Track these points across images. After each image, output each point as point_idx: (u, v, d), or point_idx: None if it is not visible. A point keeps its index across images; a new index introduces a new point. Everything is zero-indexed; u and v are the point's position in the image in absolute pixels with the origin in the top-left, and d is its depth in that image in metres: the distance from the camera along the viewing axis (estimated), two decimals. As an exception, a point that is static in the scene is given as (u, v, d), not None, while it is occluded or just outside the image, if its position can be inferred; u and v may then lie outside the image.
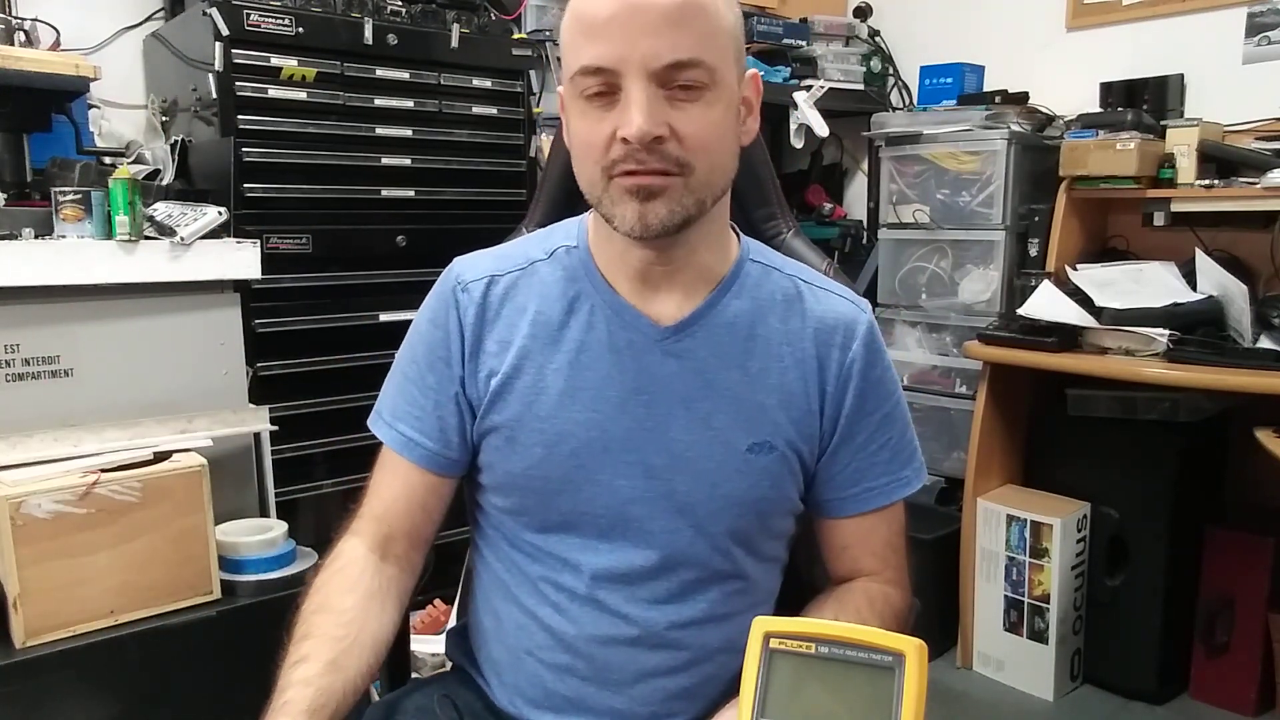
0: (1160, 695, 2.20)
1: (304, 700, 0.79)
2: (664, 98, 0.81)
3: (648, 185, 0.82)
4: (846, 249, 2.96)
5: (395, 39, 2.03)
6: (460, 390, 0.94)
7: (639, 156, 0.81)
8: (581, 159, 0.86)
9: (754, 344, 0.92)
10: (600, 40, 0.80)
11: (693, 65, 0.80)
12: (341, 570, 0.91)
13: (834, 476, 0.95)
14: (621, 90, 0.80)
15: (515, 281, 0.95)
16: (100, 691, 1.43)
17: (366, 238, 2.06)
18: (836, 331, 0.94)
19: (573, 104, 0.85)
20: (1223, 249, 2.24)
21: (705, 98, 0.82)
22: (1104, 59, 2.54)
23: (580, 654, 0.91)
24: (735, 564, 0.93)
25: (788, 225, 1.19)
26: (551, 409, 0.90)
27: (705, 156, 0.83)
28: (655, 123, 0.80)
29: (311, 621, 0.87)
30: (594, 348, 0.91)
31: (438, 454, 0.95)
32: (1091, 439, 2.24)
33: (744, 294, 0.94)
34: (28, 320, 1.54)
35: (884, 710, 0.71)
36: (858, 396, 0.93)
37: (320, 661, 0.83)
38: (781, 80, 2.72)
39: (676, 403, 0.90)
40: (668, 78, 0.80)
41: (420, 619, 2.10)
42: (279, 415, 1.80)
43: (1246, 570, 2.12)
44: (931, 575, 2.36)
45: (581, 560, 0.91)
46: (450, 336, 0.94)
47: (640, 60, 0.79)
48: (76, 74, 1.65)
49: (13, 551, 1.35)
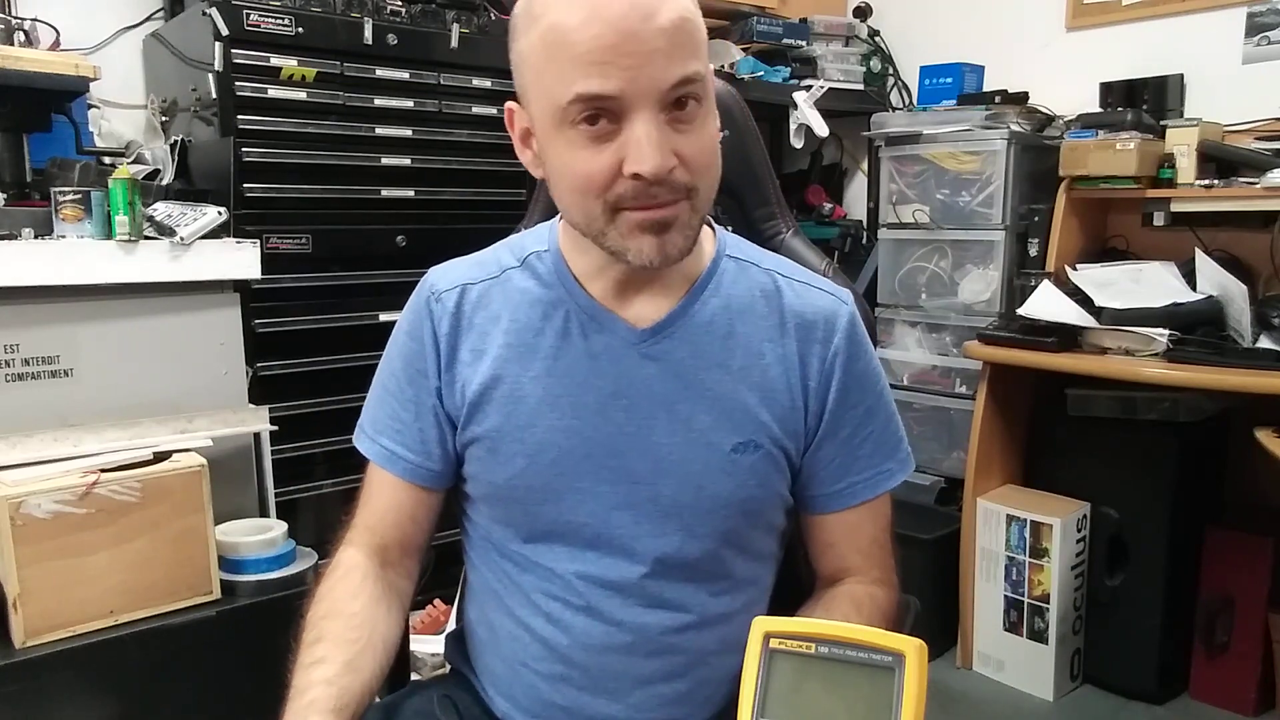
0: (1160, 695, 2.20)
1: (329, 699, 0.80)
2: (666, 123, 0.78)
3: (662, 219, 0.80)
4: (846, 249, 2.96)
5: (395, 39, 2.03)
6: (438, 402, 0.93)
7: (652, 191, 0.78)
8: (576, 193, 0.81)
9: (734, 342, 0.91)
10: (599, 69, 0.75)
11: (693, 80, 0.78)
12: (345, 577, 0.91)
13: (818, 472, 0.94)
14: (625, 120, 0.77)
15: (489, 290, 0.94)
16: (100, 691, 1.43)
17: (366, 238, 2.06)
18: (817, 326, 0.92)
19: (556, 132, 0.80)
20: (1223, 249, 2.24)
21: (700, 115, 0.80)
22: (1104, 59, 2.54)
23: (575, 664, 0.91)
24: (726, 565, 0.92)
25: (787, 225, 1.19)
26: (531, 418, 0.90)
27: (708, 176, 0.82)
28: (667, 155, 0.77)
29: (322, 626, 0.87)
30: (571, 354, 0.90)
31: (420, 466, 0.94)
32: (1091, 439, 2.24)
33: (721, 292, 0.92)
34: (28, 320, 1.54)
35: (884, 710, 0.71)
36: (841, 390, 0.92)
37: (338, 663, 0.83)
38: (781, 80, 2.72)
39: (657, 406, 0.89)
40: (672, 100, 0.77)
41: (420, 619, 2.10)
42: (279, 415, 1.80)
43: (1246, 570, 2.12)
44: (931, 575, 2.36)
45: (570, 569, 0.90)
46: (425, 348, 0.94)
47: (646, 88, 0.76)
48: (76, 74, 1.65)
49: (13, 551, 1.35)
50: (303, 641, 0.86)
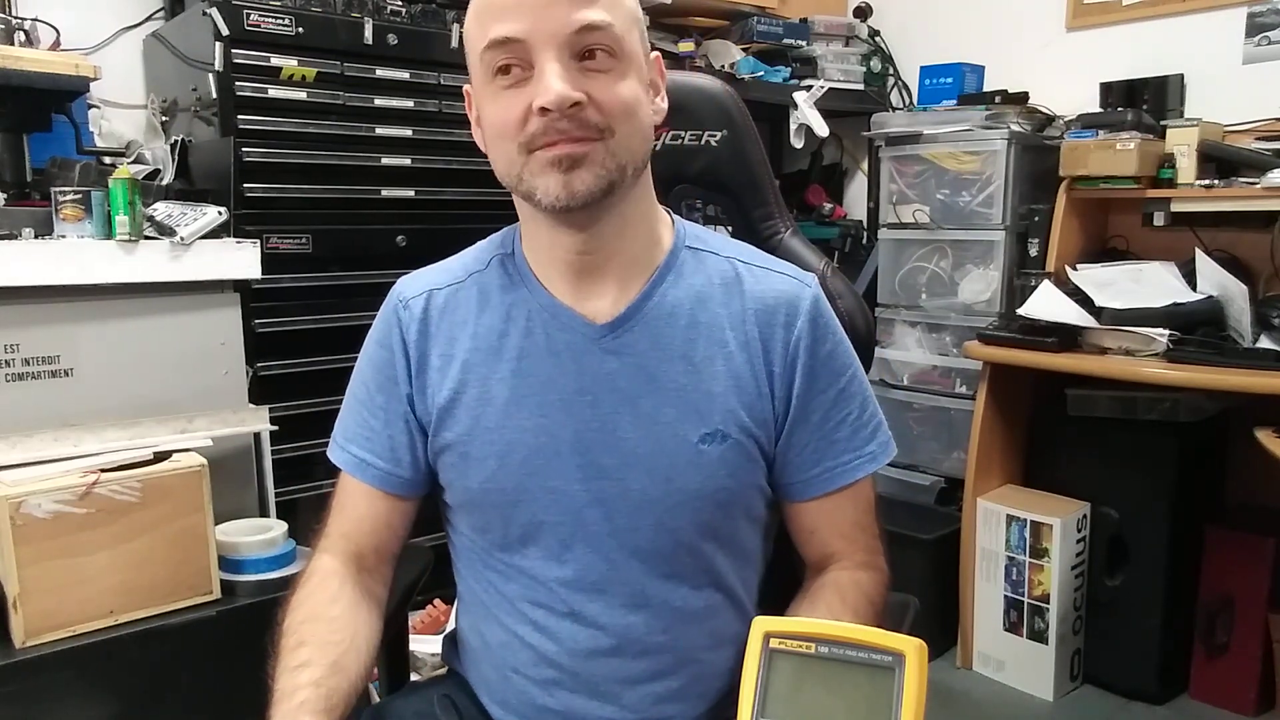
0: (1160, 695, 2.20)
1: (318, 700, 0.79)
2: (577, 69, 0.80)
3: (570, 153, 0.80)
4: (846, 249, 2.96)
5: (395, 39, 2.03)
6: (409, 409, 0.94)
7: (559, 126, 0.79)
8: (497, 140, 0.84)
9: (696, 332, 0.90)
10: (507, 15, 0.80)
11: (602, 28, 0.80)
12: (321, 584, 0.91)
13: (793, 459, 0.93)
14: (534, 65, 0.80)
15: (454, 294, 0.94)
16: (100, 691, 1.43)
17: (366, 238, 2.06)
18: (778, 311, 0.91)
19: (483, 89, 0.84)
20: (1223, 249, 2.24)
21: (617, 68, 0.82)
22: (1104, 59, 2.54)
23: (565, 669, 0.90)
24: (706, 559, 0.91)
25: (785, 225, 1.19)
26: (499, 419, 0.90)
27: (625, 120, 0.82)
28: (571, 91, 0.79)
29: (303, 630, 0.86)
30: (534, 353, 0.90)
31: (390, 474, 0.95)
32: (1091, 439, 2.24)
33: (681, 282, 0.92)
34: (28, 320, 1.54)
35: (884, 710, 0.71)
36: (807, 375, 0.91)
37: (323, 665, 0.83)
38: (781, 80, 2.72)
39: (621, 401, 0.88)
40: (578, 44, 0.80)
41: (420, 619, 2.10)
42: (279, 415, 1.80)
43: (1246, 570, 2.12)
44: (931, 575, 2.36)
45: (552, 575, 0.90)
46: (395, 355, 0.94)
47: (551, 29, 0.79)
48: (76, 74, 1.65)
49: (13, 551, 1.35)
50: (283, 647, 0.85)
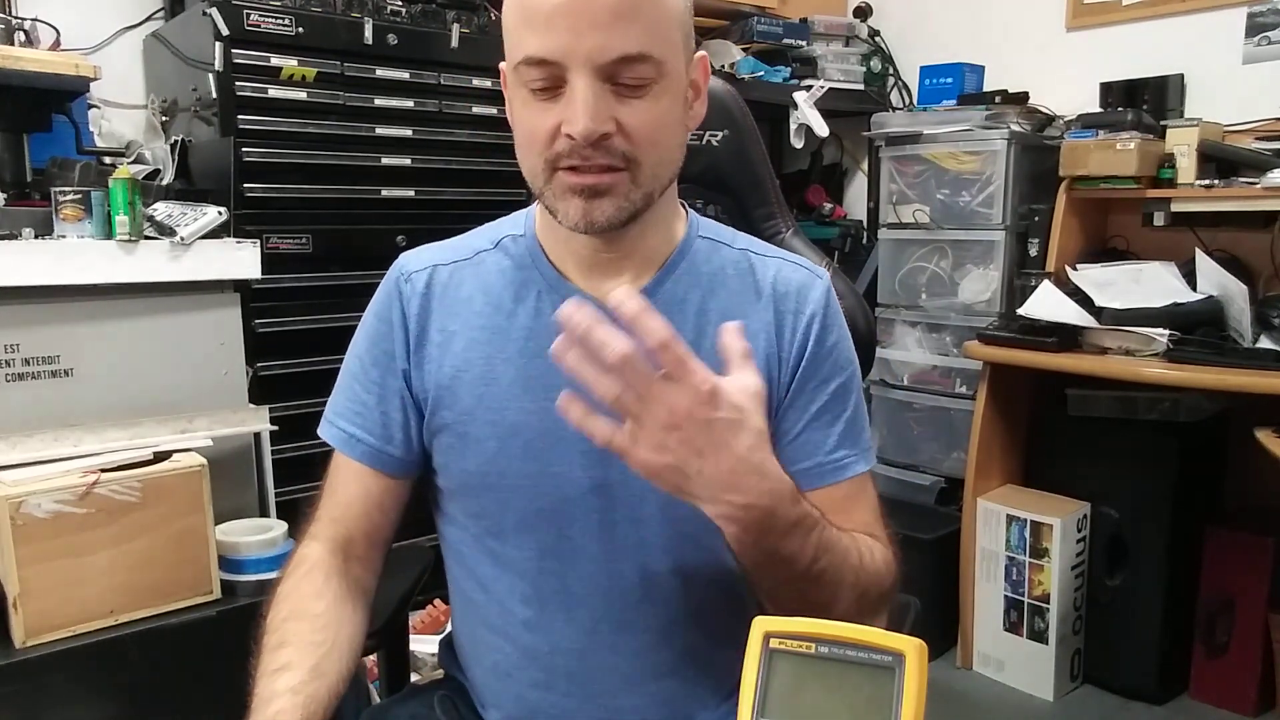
0: (1160, 695, 2.20)
1: (295, 709, 0.77)
2: (610, 92, 0.78)
3: (593, 185, 0.80)
4: (846, 249, 2.96)
5: (395, 39, 2.03)
6: (405, 385, 0.92)
7: (584, 153, 0.79)
8: (524, 148, 0.84)
9: (706, 319, 0.89)
10: (544, 32, 0.77)
11: (640, 60, 0.78)
12: (307, 576, 0.89)
13: (785, 447, 0.89)
14: (566, 84, 0.78)
15: (460, 270, 0.94)
16: (100, 691, 1.43)
17: (366, 238, 2.06)
18: (789, 298, 0.91)
19: (515, 91, 0.83)
20: (1223, 249, 2.24)
21: (653, 91, 0.80)
22: (1104, 59, 2.54)
23: (558, 670, 0.90)
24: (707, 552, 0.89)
25: (786, 225, 1.20)
26: (503, 400, 0.88)
27: (652, 150, 0.81)
28: (601, 120, 0.78)
29: (285, 629, 0.84)
30: (544, 335, 0.87)
31: (380, 450, 0.92)
32: (1091, 439, 2.24)
33: (693, 271, 0.91)
34: (28, 320, 1.54)
35: (884, 710, 0.70)
36: (811, 361, 0.90)
37: (303, 669, 0.80)
38: (781, 80, 2.72)
39: None
40: (614, 73, 0.78)
41: (420, 619, 2.10)
42: (279, 415, 1.80)
43: (1246, 570, 2.12)
44: (932, 575, 2.36)
45: (545, 565, 0.89)
46: (394, 329, 0.93)
47: (586, 55, 0.77)
48: (76, 74, 1.65)
49: (13, 551, 1.35)
50: (265, 646, 0.83)
